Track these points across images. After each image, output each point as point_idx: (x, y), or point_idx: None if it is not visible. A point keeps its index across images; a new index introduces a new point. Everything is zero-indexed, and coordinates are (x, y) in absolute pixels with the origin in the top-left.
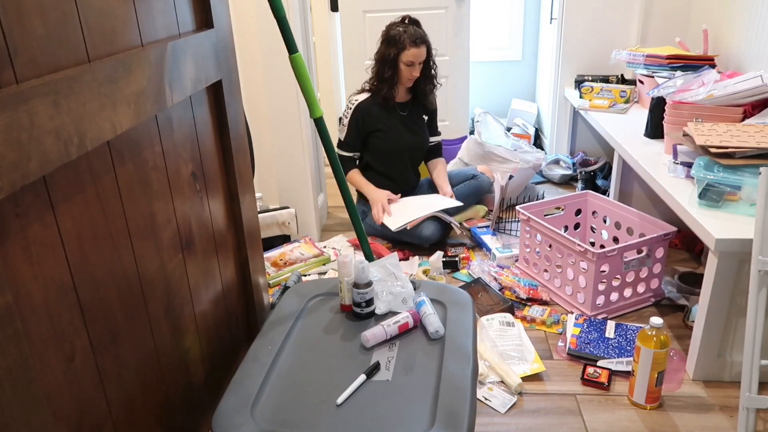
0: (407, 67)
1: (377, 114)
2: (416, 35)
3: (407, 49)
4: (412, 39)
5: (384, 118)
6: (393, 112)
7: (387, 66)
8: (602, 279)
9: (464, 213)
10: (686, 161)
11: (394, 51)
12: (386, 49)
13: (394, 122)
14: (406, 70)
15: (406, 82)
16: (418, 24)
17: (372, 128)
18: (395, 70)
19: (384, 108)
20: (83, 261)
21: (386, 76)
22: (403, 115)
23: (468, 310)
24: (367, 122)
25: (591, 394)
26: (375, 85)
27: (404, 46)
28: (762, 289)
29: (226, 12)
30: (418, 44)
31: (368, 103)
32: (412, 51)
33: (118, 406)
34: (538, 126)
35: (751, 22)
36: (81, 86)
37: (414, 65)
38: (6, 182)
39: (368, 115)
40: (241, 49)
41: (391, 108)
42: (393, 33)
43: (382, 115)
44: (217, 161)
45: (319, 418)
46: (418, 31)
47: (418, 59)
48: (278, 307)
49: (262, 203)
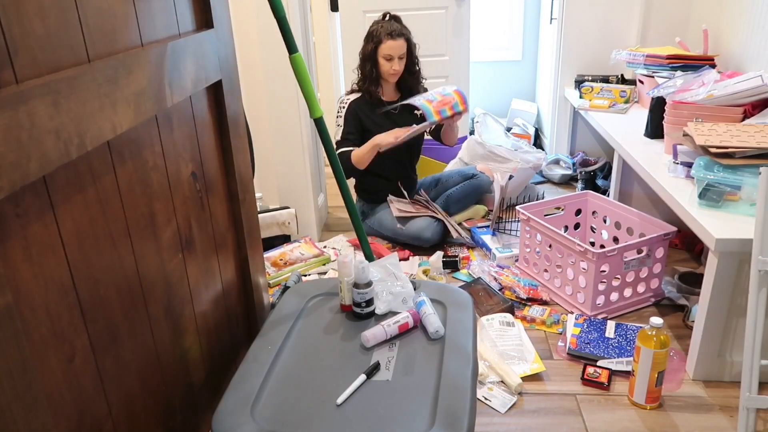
0: (386, 62)
1: (368, 113)
2: (392, 28)
3: (383, 42)
4: (388, 32)
5: (375, 117)
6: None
7: (368, 63)
8: (602, 279)
9: (464, 213)
10: (686, 161)
11: (372, 46)
12: (365, 45)
13: (385, 121)
14: (386, 65)
15: (388, 77)
16: (397, 19)
17: (364, 127)
18: (375, 65)
19: (374, 107)
20: (83, 261)
21: (369, 73)
22: (394, 114)
23: (468, 310)
24: (360, 120)
25: (591, 394)
26: (361, 83)
27: (380, 39)
28: (762, 289)
29: (226, 12)
30: (394, 36)
31: (359, 102)
32: (389, 43)
33: (118, 406)
34: (538, 126)
35: (751, 22)
36: (81, 86)
37: (393, 59)
38: (6, 182)
39: (361, 112)
40: (241, 49)
41: (381, 106)
42: (371, 29)
43: (373, 115)
44: (217, 161)
45: (319, 418)
46: (395, 24)
47: (397, 52)
48: (278, 307)
49: (262, 203)
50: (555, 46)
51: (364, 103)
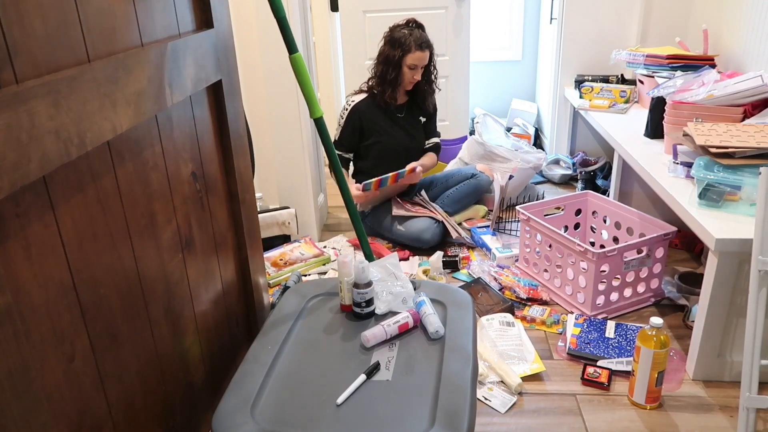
0: (410, 70)
1: (374, 116)
2: (422, 39)
3: (412, 52)
4: (418, 43)
5: (381, 119)
6: (390, 113)
7: (390, 68)
8: (602, 279)
9: (464, 213)
10: (686, 161)
11: (399, 53)
12: (390, 50)
13: (390, 124)
14: (409, 73)
15: (408, 84)
16: (422, 28)
17: (368, 130)
18: (398, 72)
19: (381, 109)
20: (83, 261)
21: (389, 78)
22: (400, 117)
23: (468, 310)
24: (364, 124)
25: (591, 394)
26: (376, 86)
27: (410, 48)
28: (762, 289)
29: (226, 12)
30: (423, 48)
31: (365, 104)
32: (417, 54)
33: (118, 406)
34: (538, 126)
35: (751, 22)
36: (81, 86)
37: (417, 69)
38: (6, 182)
39: (365, 116)
40: (241, 49)
41: (388, 110)
42: (398, 35)
43: (379, 117)
44: (217, 161)
45: (319, 418)
46: (424, 35)
47: (422, 63)
48: (278, 307)
49: (262, 203)
50: (555, 46)
51: (370, 104)
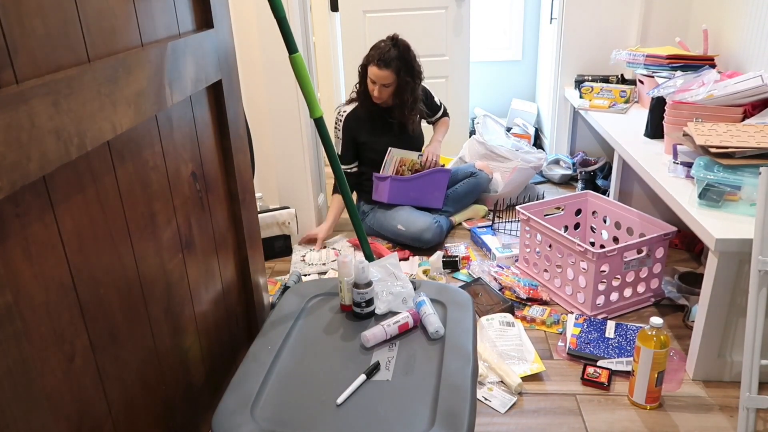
0: (372, 84)
1: (365, 122)
2: (385, 56)
3: (370, 66)
4: (377, 58)
5: (372, 126)
6: (381, 118)
7: (360, 77)
8: (602, 279)
9: (464, 213)
10: (686, 161)
11: (364, 62)
12: (364, 58)
13: (382, 129)
14: (371, 86)
15: (375, 99)
16: (403, 48)
17: (361, 137)
18: (364, 82)
19: (372, 114)
20: (83, 261)
21: (361, 88)
22: (392, 122)
23: (468, 310)
24: (356, 132)
25: (591, 394)
26: (357, 90)
27: (369, 62)
28: (762, 289)
29: (226, 12)
30: (380, 66)
31: (355, 113)
32: (374, 70)
33: (118, 406)
34: (538, 126)
35: (751, 22)
36: (81, 86)
37: (377, 85)
38: (6, 182)
39: (356, 124)
40: (241, 49)
41: (378, 114)
42: (374, 45)
43: (369, 123)
44: (217, 161)
45: (319, 418)
46: (391, 54)
47: (380, 81)
48: (278, 307)
49: (262, 203)
50: (555, 46)
51: (361, 112)
